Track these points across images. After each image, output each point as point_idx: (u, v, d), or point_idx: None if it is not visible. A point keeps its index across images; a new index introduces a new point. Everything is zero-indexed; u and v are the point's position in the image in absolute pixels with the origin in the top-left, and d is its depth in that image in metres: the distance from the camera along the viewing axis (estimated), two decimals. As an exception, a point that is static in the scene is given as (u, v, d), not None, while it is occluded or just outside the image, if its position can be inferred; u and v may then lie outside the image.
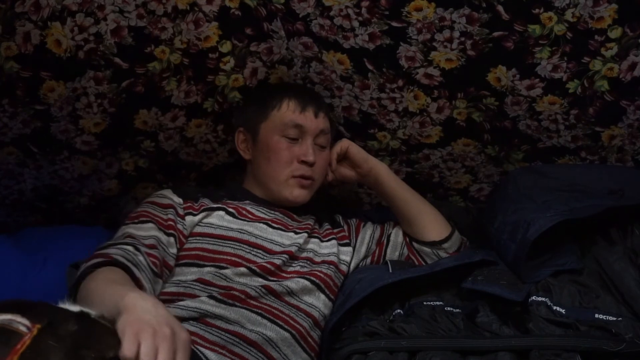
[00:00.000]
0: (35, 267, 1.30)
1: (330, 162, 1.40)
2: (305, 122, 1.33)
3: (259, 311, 1.13)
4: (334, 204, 1.60)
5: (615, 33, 1.22)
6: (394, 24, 1.26)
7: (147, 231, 1.17)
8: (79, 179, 1.47)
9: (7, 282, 1.25)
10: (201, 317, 1.10)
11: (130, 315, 0.77)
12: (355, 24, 1.27)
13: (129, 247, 1.08)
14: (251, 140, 1.38)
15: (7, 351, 0.69)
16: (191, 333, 1.06)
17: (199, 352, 1.04)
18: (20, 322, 0.73)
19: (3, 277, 1.26)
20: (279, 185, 1.33)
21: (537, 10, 1.20)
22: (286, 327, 1.14)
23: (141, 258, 1.08)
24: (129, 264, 1.03)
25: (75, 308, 0.80)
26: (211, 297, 1.13)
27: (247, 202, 1.33)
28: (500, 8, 1.21)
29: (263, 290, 1.16)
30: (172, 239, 1.20)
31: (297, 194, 1.33)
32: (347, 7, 1.25)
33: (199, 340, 1.07)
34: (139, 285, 1.02)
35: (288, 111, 1.33)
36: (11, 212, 1.51)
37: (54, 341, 0.73)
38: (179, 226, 1.22)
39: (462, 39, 1.26)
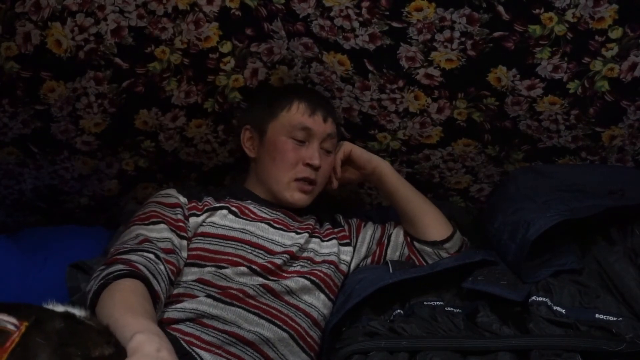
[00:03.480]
0: (35, 267, 1.29)
1: (335, 169, 1.40)
2: (314, 126, 1.33)
3: (257, 311, 1.13)
4: (334, 204, 1.60)
5: (615, 33, 1.22)
6: (394, 24, 1.26)
7: (160, 232, 1.17)
8: (79, 179, 1.46)
9: (7, 282, 1.25)
10: (198, 318, 1.10)
11: (133, 357, 0.80)
12: (356, 24, 1.27)
13: (151, 255, 1.08)
14: (258, 139, 1.38)
15: (-3, 349, 0.69)
16: (187, 334, 1.07)
17: (194, 353, 1.05)
18: (8, 321, 0.73)
19: (3, 277, 1.25)
20: (281, 186, 1.33)
21: (537, 11, 1.20)
22: (284, 327, 1.14)
23: (162, 267, 1.09)
24: (150, 277, 1.03)
25: (60, 308, 0.81)
26: (209, 296, 1.13)
27: (249, 201, 1.33)
28: (500, 8, 1.21)
29: (261, 289, 1.16)
30: (184, 242, 1.20)
31: (297, 197, 1.33)
32: (347, 7, 1.25)
33: (194, 341, 1.07)
34: (157, 298, 1.03)
35: (297, 113, 1.33)
36: (11, 212, 1.50)
37: (42, 338, 0.73)
38: (187, 228, 1.23)
39: (463, 39, 1.26)
